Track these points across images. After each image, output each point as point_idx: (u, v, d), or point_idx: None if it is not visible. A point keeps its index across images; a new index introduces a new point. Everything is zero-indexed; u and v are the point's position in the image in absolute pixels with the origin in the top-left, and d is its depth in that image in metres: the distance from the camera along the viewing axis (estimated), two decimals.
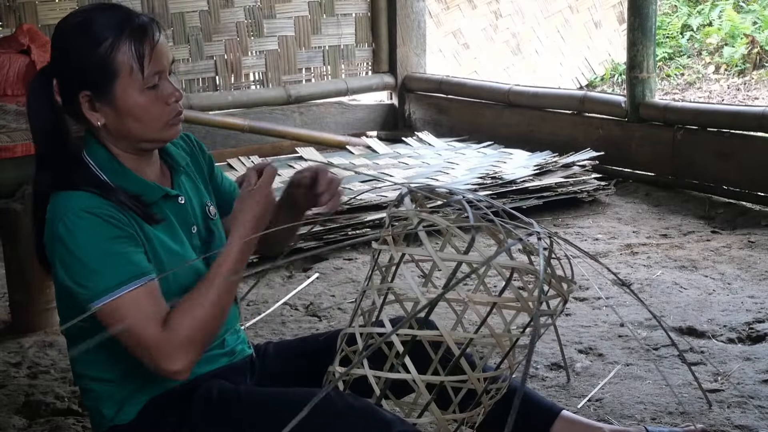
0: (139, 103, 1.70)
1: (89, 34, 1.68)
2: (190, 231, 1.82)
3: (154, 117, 1.72)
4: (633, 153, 4.75)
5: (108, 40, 1.67)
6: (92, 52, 1.67)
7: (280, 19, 5.65)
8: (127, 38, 1.67)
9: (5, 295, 3.30)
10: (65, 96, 1.72)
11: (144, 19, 1.71)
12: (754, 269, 3.49)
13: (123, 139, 1.74)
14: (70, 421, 2.50)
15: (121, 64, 1.67)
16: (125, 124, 1.71)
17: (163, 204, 1.78)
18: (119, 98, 1.69)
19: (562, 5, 8.09)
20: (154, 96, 1.71)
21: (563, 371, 2.68)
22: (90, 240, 1.63)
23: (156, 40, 1.70)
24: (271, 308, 3.27)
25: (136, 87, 1.69)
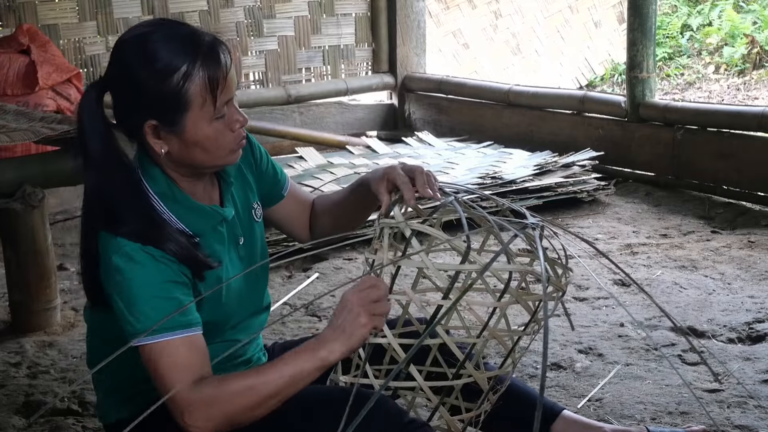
0: (208, 135, 1.64)
1: (156, 63, 1.59)
2: (237, 243, 1.80)
3: (221, 146, 1.67)
4: (633, 153, 4.75)
5: (180, 70, 1.59)
6: (162, 84, 1.59)
7: (280, 19, 5.65)
8: (201, 67, 1.59)
9: (5, 295, 3.30)
10: (126, 119, 1.66)
11: (212, 42, 1.63)
12: (754, 269, 3.49)
13: (185, 167, 1.69)
14: (69, 421, 2.50)
15: (194, 96, 1.60)
16: (191, 154, 1.66)
17: (219, 226, 1.75)
18: (188, 131, 1.63)
19: (562, 5, 8.08)
20: (222, 126, 1.65)
21: (564, 371, 2.68)
22: (143, 279, 1.58)
23: (228, 67, 1.64)
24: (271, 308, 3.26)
25: (207, 119, 1.63)
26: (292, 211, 1.99)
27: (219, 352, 1.71)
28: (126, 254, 1.59)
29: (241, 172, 1.86)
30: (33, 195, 2.98)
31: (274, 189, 1.96)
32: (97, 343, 1.82)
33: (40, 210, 3.03)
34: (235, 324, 1.81)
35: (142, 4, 5.16)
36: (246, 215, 1.84)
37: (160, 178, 1.69)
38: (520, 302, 1.63)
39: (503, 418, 1.88)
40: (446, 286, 1.60)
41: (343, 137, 5.52)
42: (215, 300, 1.72)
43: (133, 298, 1.59)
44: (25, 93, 4.23)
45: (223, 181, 1.80)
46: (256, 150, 1.92)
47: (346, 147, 5.42)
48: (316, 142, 5.40)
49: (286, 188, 1.98)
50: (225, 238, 1.77)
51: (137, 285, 1.59)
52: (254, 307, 1.86)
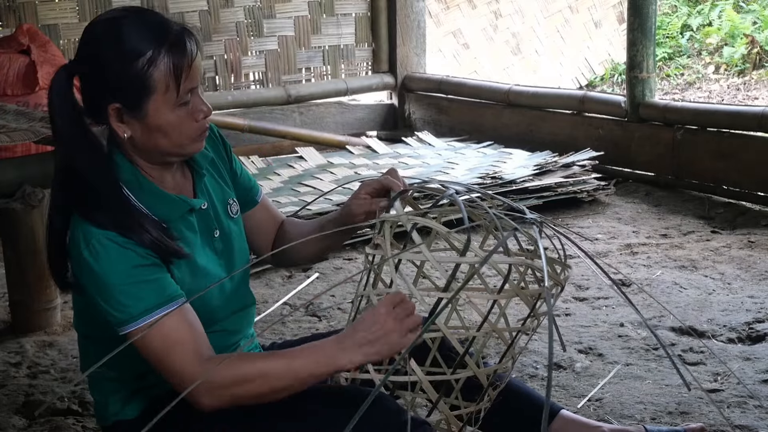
0: (170, 121, 1.66)
1: (125, 46, 1.61)
2: (212, 236, 1.80)
3: (183, 134, 1.68)
4: (633, 153, 4.75)
5: (145, 55, 1.61)
6: (127, 67, 1.61)
7: (280, 18, 5.65)
8: (166, 54, 1.62)
9: (5, 295, 3.30)
10: (91, 102, 1.68)
11: (180, 31, 1.66)
12: (753, 269, 3.49)
13: (148, 153, 1.71)
14: (69, 421, 2.50)
15: (158, 81, 1.62)
16: (153, 139, 1.67)
17: (188, 215, 1.75)
18: (151, 115, 1.64)
19: (561, 5, 8.08)
20: (185, 113, 1.67)
21: (564, 371, 2.68)
22: (115, 268, 1.60)
23: (193, 55, 1.66)
24: (271, 308, 3.27)
25: (169, 105, 1.64)
26: (263, 221, 1.99)
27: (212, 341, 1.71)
28: (93, 247, 1.60)
29: (215, 166, 1.87)
30: (33, 195, 2.98)
31: (249, 194, 1.96)
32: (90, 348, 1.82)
33: (40, 210, 3.03)
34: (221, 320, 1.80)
35: (142, 4, 5.16)
36: (221, 209, 1.84)
37: (126, 166, 1.70)
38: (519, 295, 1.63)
39: (503, 417, 1.88)
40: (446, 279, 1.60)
41: (343, 137, 5.53)
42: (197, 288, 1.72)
43: (108, 290, 1.60)
44: (25, 93, 4.23)
45: (195, 173, 1.81)
46: (228, 147, 1.92)
47: (346, 147, 5.42)
48: (316, 142, 5.40)
49: (260, 195, 1.98)
50: (196, 228, 1.77)
51: (108, 277, 1.60)
52: (238, 305, 1.86)
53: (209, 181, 1.84)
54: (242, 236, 1.88)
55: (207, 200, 1.80)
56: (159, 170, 1.74)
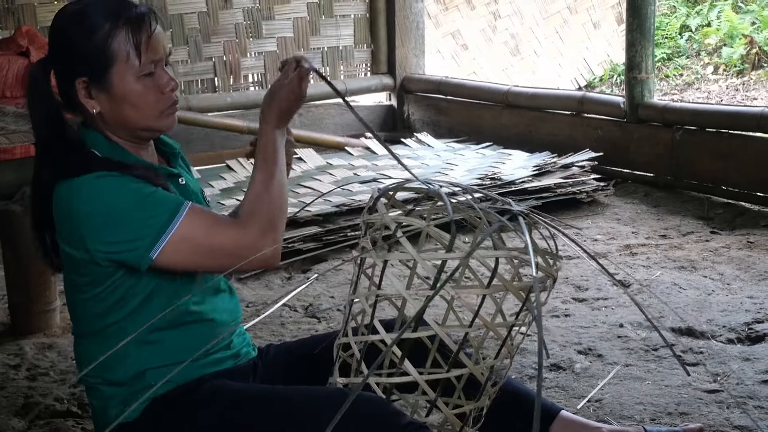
0: (135, 90, 1.71)
1: (85, 21, 1.70)
2: None
3: (150, 104, 1.73)
4: (632, 153, 4.75)
5: (105, 27, 1.69)
6: (89, 39, 1.69)
7: (279, 20, 5.65)
8: (124, 26, 1.69)
9: (4, 296, 3.30)
10: (62, 84, 1.74)
11: (141, 9, 1.73)
12: (753, 269, 3.49)
13: (119, 128, 1.75)
14: (69, 423, 2.50)
15: (118, 51, 1.69)
16: (121, 111, 1.72)
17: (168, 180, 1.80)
18: (115, 85, 1.70)
19: (560, 6, 8.09)
20: (151, 83, 1.72)
21: (563, 372, 2.68)
22: (117, 197, 1.65)
23: (153, 29, 1.72)
24: (270, 309, 3.27)
25: (133, 74, 1.70)
26: None
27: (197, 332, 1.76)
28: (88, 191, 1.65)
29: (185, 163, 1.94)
30: None
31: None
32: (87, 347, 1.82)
33: None
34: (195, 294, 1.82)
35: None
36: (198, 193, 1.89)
37: (103, 143, 1.75)
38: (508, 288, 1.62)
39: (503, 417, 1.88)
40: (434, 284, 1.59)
41: (342, 138, 5.53)
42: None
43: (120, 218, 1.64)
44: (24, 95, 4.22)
45: (170, 156, 1.88)
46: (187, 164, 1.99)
47: (345, 148, 5.42)
48: (315, 144, 5.41)
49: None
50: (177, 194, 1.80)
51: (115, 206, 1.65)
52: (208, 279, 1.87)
53: (182, 167, 1.90)
54: None
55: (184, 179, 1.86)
56: (134, 147, 1.78)
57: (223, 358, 1.85)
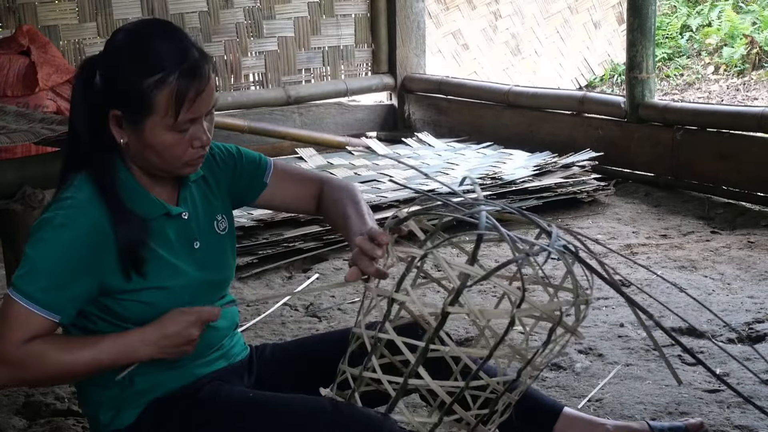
0: (164, 142, 1.68)
1: (139, 62, 1.65)
2: (192, 246, 1.80)
3: (175, 156, 1.71)
4: (632, 153, 4.75)
5: (156, 75, 1.63)
6: (137, 81, 1.64)
7: (280, 19, 5.66)
8: (176, 79, 1.64)
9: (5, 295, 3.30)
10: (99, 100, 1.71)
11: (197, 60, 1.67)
12: (753, 269, 3.49)
13: (139, 162, 1.74)
14: (70, 421, 2.50)
15: (159, 105, 1.64)
16: (145, 154, 1.70)
17: (164, 221, 1.77)
18: (146, 132, 1.67)
19: (561, 6, 8.09)
20: (181, 138, 1.69)
21: (563, 371, 2.68)
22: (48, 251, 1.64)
23: (203, 86, 1.67)
24: (271, 309, 3.27)
25: (166, 127, 1.67)
26: (287, 194, 2.00)
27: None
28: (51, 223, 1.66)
29: (205, 181, 1.88)
30: (33, 196, 2.97)
31: (254, 181, 1.96)
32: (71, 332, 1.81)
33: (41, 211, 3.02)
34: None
35: (142, 4, 5.16)
36: (206, 223, 1.85)
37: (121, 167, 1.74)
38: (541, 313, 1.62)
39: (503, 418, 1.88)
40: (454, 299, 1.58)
41: (342, 138, 5.53)
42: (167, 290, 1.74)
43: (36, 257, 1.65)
44: (25, 94, 4.23)
45: (182, 183, 1.83)
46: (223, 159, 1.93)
47: (345, 148, 5.42)
48: (315, 143, 5.41)
49: (268, 175, 1.98)
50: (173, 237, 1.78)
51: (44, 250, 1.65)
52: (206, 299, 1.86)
53: (196, 194, 1.85)
54: (227, 251, 1.89)
55: (190, 211, 1.81)
56: (149, 178, 1.77)
57: (214, 359, 1.86)
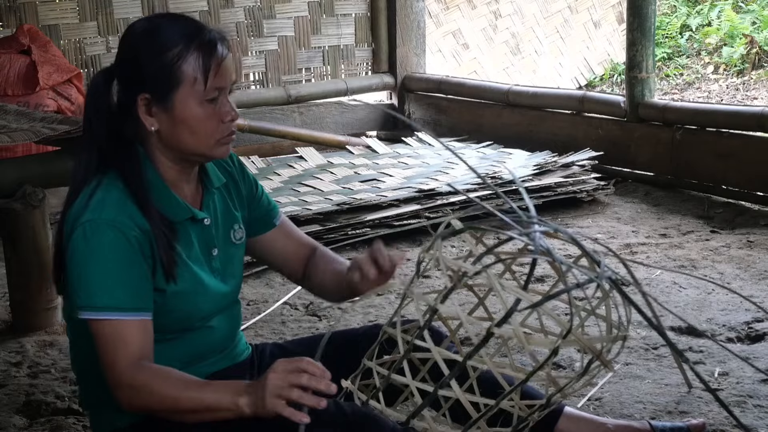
0: (196, 115, 1.70)
1: (157, 40, 1.69)
2: (210, 253, 1.81)
3: (208, 131, 1.72)
4: (632, 153, 4.76)
5: (177, 48, 1.68)
6: (159, 57, 1.68)
7: (280, 19, 5.66)
8: (196, 50, 1.68)
9: (5, 294, 3.31)
10: (123, 96, 1.73)
11: (214, 35, 1.71)
12: (753, 269, 3.49)
13: (172, 149, 1.74)
14: (70, 420, 2.50)
15: (186, 74, 1.68)
16: (178, 134, 1.71)
17: (189, 225, 1.77)
18: (177, 107, 1.69)
19: (561, 5, 8.08)
20: (212, 110, 1.71)
21: (563, 371, 2.68)
22: (102, 254, 1.63)
23: (223, 57, 1.71)
24: (271, 308, 3.27)
25: (196, 98, 1.69)
26: (285, 246, 2.00)
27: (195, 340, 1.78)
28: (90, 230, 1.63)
29: (227, 190, 1.89)
30: (33, 195, 2.98)
31: (266, 217, 1.98)
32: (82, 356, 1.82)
33: (41, 210, 3.04)
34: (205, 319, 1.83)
35: (142, 4, 5.17)
36: (224, 232, 1.86)
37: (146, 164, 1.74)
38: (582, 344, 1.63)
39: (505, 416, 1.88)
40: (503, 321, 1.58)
41: (343, 137, 5.53)
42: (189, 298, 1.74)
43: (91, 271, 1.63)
44: (25, 93, 4.24)
45: (205, 188, 1.83)
46: (247, 178, 1.95)
47: (346, 147, 5.42)
48: (316, 142, 5.41)
49: (278, 219, 2.00)
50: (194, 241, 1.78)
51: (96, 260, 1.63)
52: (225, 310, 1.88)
53: (218, 201, 1.85)
54: (240, 262, 1.90)
55: (211, 217, 1.82)
56: (176, 174, 1.76)
57: (217, 359, 1.86)
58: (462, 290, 1.98)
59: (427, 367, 1.85)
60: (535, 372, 1.64)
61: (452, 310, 1.67)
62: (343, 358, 1.90)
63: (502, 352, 2.08)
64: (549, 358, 1.60)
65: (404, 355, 1.68)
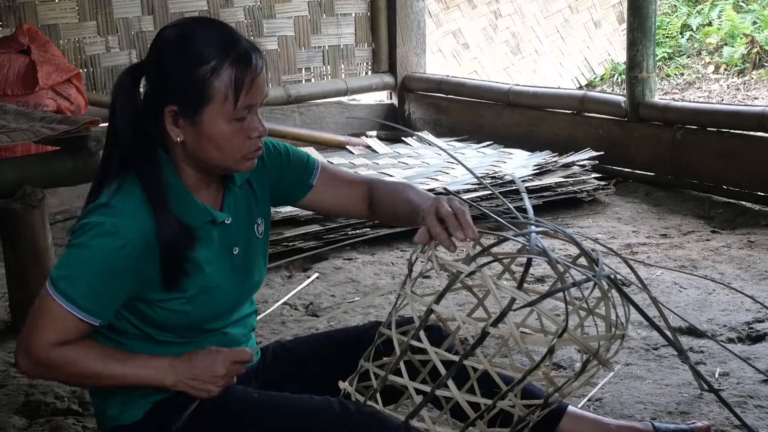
0: (223, 133, 1.67)
1: (192, 51, 1.65)
2: (231, 252, 1.80)
3: (234, 149, 1.69)
4: (633, 153, 4.75)
5: (209, 63, 1.63)
6: (192, 72, 1.64)
7: (280, 19, 5.65)
8: (230, 65, 1.64)
9: (5, 295, 3.30)
10: (151, 102, 1.70)
11: (248, 47, 1.67)
12: (753, 269, 3.49)
13: (196, 160, 1.72)
14: (70, 420, 2.50)
15: (218, 91, 1.64)
16: (203, 148, 1.69)
17: (210, 227, 1.76)
18: (205, 123, 1.66)
19: (561, 5, 8.08)
20: (239, 128, 1.68)
21: (563, 371, 2.68)
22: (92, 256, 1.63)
23: (257, 72, 1.67)
24: (271, 308, 3.27)
25: (225, 116, 1.66)
26: (336, 197, 1.97)
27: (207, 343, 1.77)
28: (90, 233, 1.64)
29: (250, 185, 1.87)
30: (33, 195, 2.98)
31: (300, 181, 1.95)
32: None
33: (40, 210, 3.03)
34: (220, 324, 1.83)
35: (142, 4, 5.16)
36: (246, 227, 1.85)
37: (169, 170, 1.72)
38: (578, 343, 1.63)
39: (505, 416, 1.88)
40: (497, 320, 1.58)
41: (343, 137, 5.53)
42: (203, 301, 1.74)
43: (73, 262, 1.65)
44: (25, 93, 4.23)
45: (226, 188, 1.81)
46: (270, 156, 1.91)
47: (346, 147, 5.42)
48: (316, 142, 5.40)
49: (315, 176, 1.96)
50: (215, 241, 1.77)
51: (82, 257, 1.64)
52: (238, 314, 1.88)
53: (239, 198, 1.84)
54: (264, 255, 1.90)
55: (232, 216, 1.80)
56: (198, 180, 1.75)
57: None
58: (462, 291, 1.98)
59: (428, 368, 1.85)
60: (531, 371, 1.63)
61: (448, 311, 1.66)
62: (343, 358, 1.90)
63: (503, 353, 2.07)
64: (545, 357, 1.60)
65: (400, 356, 1.67)
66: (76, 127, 2.86)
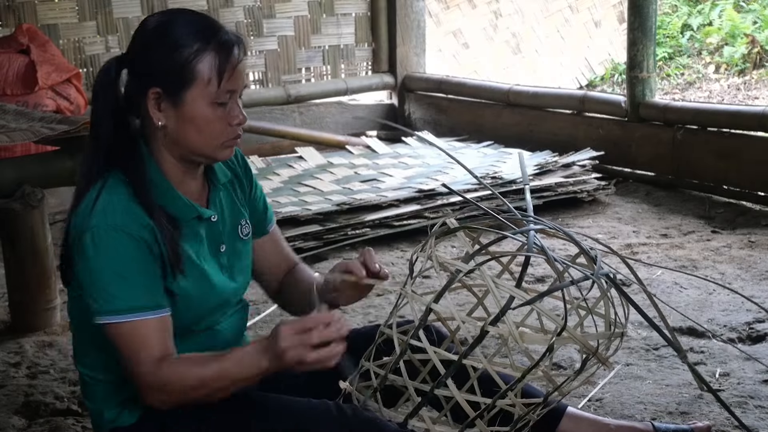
0: (205, 115, 1.69)
1: (174, 34, 1.68)
2: (218, 249, 1.81)
3: (215, 133, 1.71)
4: (633, 153, 4.75)
5: (193, 45, 1.66)
6: (175, 53, 1.66)
7: (280, 18, 5.65)
8: (213, 50, 1.67)
9: (5, 295, 3.30)
10: (133, 89, 1.71)
11: (231, 36, 1.70)
12: (754, 269, 3.49)
13: (177, 146, 1.73)
14: (69, 421, 2.50)
15: (200, 73, 1.66)
16: (185, 132, 1.70)
17: (196, 223, 1.77)
18: (187, 105, 1.68)
19: (562, 5, 8.08)
20: (221, 112, 1.70)
21: (563, 371, 2.67)
22: (113, 259, 1.63)
23: (239, 59, 1.70)
24: (271, 308, 3.26)
25: (207, 99, 1.68)
26: (270, 255, 2.00)
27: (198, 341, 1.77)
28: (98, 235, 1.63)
29: (233, 185, 1.89)
30: (32, 195, 2.97)
31: (261, 222, 1.97)
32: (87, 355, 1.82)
33: (40, 210, 3.03)
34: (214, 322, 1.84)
35: (142, 4, 5.16)
36: (231, 227, 1.86)
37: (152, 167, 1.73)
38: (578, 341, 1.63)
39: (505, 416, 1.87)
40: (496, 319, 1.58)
41: (342, 137, 5.52)
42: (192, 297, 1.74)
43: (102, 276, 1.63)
44: (24, 93, 4.22)
45: (212, 185, 1.83)
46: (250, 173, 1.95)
47: (345, 147, 5.41)
48: (315, 142, 5.40)
49: (271, 227, 2.00)
50: (203, 237, 1.79)
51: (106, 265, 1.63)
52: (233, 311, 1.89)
53: (224, 197, 1.85)
54: (248, 257, 1.90)
55: (218, 214, 1.82)
56: (181, 172, 1.76)
57: None
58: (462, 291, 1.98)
59: (428, 368, 1.85)
60: (530, 370, 1.63)
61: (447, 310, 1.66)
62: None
63: (503, 353, 2.07)
64: (544, 356, 1.60)
65: (400, 355, 1.67)
66: (76, 127, 2.86)
